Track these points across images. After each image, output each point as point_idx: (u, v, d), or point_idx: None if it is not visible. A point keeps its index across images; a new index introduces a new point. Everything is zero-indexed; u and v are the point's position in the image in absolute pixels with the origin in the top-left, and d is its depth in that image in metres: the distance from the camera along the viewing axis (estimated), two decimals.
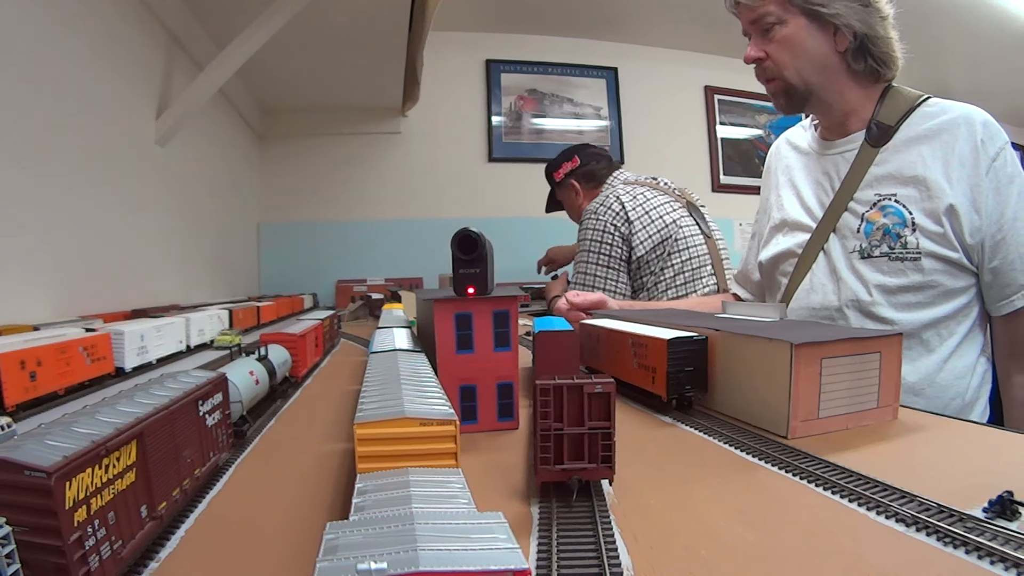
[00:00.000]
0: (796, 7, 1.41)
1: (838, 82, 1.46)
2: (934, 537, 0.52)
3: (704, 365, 0.96)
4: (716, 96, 5.35)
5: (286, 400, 1.10)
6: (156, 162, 2.47)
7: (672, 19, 4.73)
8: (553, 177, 2.94)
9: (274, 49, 2.57)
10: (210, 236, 3.24)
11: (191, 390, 0.56)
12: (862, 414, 0.88)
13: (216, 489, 0.64)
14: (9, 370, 0.91)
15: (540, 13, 4.56)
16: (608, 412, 0.56)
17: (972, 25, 4.79)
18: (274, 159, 4.32)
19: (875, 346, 0.89)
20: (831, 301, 1.45)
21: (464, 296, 0.85)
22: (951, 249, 1.33)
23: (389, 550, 0.32)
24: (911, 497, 0.59)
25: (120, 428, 0.42)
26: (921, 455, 0.78)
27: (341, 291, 4.18)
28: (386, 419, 0.53)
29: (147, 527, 0.46)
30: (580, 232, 2.43)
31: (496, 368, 0.85)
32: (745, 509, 0.59)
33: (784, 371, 0.81)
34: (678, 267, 2.26)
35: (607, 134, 5.00)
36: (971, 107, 1.39)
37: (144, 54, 2.42)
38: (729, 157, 5.38)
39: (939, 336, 1.37)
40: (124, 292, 2.12)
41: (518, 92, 4.81)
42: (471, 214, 4.38)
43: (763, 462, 0.72)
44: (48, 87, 1.74)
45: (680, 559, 0.49)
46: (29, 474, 0.35)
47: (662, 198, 2.41)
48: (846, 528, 0.55)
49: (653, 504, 0.60)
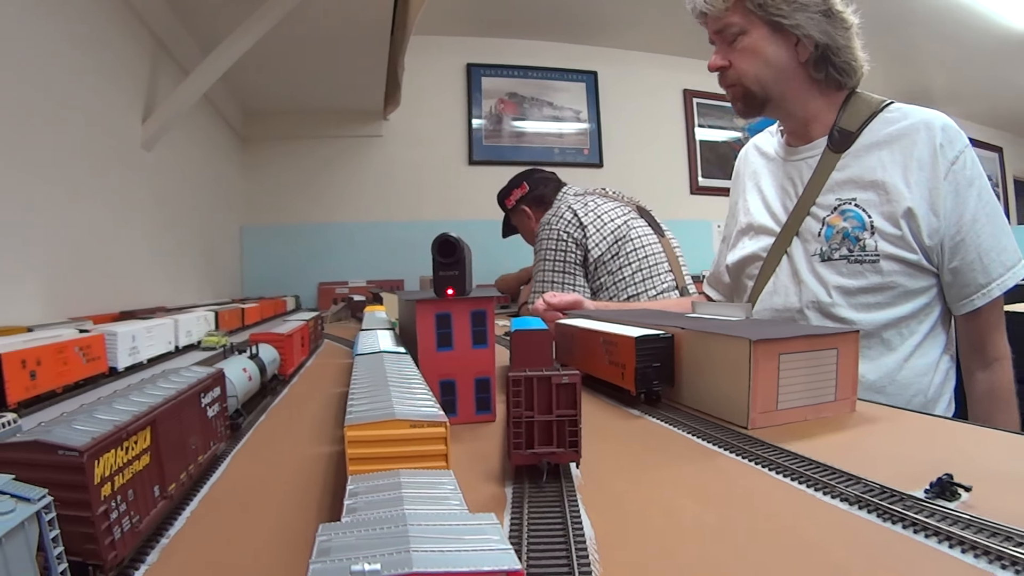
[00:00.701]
0: (759, 18, 1.46)
1: (799, 90, 1.51)
2: (875, 515, 0.57)
3: (670, 361, 1.02)
4: (695, 99, 5.44)
5: (275, 396, 1.15)
6: (142, 166, 2.51)
7: (651, 23, 4.78)
8: (505, 204, 3.04)
9: (257, 53, 2.60)
10: (194, 239, 3.27)
11: (194, 383, 0.61)
12: (820, 407, 0.93)
13: (216, 476, 0.70)
14: (11, 369, 0.95)
15: (521, 18, 4.61)
16: (574, 401, 0.62)
17: (951, 29, 4.90)
18: (256, 162, 4.36)
19: (832, 343, 0.95)
20: (793, 303, 1.50)
21: (444, 297, 0.91)
22: (909, 251, 1.37)
23: (382, 551, 0.31)
24: (857, 480, 0.64)
25: (137, 415, 0.47)
26: (873, 444, 0.83)
27: (323, 293, 4.22)
28: (376, 421, 0.53)
29: (159, 506, 0.51)
30: (536, 245, 2.54)
31: (474, 364, 0.91)
32: (701, 489, 0.65)
33: (744, 366, 0.87)
34: (635, 265, 2.35)
35: (587, 137, 5.06)
36: (931, 112, 1.44)
37: (131, 58, 2.45)
38: (707, 160, 5.46)
39: (900, 335, 1.42)
40: (111, 294, 2.16)
41: (498, 96, 4.87)
42: (451, 216, 4.44)
43: (722, 449, 0.78)
44: (37, 91, 1.78)
45: (637, 531, 0.55)
46: (62, 453, 0.40)
47: (612, 203, 2.52)
48: (793, 506, 0.60)
49: (617, 485, 0.66)
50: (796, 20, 1.43)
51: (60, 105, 1.91)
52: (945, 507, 0.56)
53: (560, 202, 2.59)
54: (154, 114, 2.53)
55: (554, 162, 4.87)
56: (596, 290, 2.41)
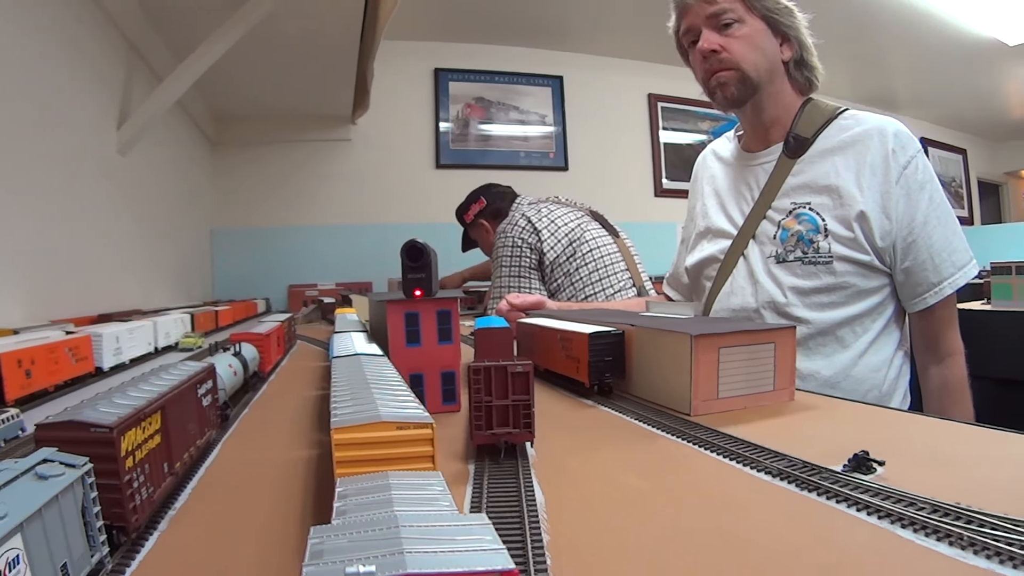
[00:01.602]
0: (757, 13, 1.51)
1: (781, 86, 1.58)
2: (794, 485, 0.64)
3: (621, 355, 1.10)
4: (659, 103, 5.54)
5: (256, 392, 1.22)
6: (117, 171, 2.56)
7: (617, 29, 4.88)
8: (464, 219, 3.14)
9: (229, 59, 2.67)
10: (167, 242, 3.31)
11: (191, 376, 0.69)
12: (759, 396, 1.01)
13: (210, 459, 0.77)
14: (9, 368, 1.01)
15: (488, 23, 4.69)
16: (527, 388, 0.71)
17: (915, 35, 5.04)
18: (227, 165, 4.39)
19: (770, 337, 1.03)
20: (749, 303, 1.55)
21: (412, 298, 0.99)
22: (862, 252, 1.43)
23: (375, 553, 0.32)
24: (782, 456, 0.72)
25: (150, 400, 0.55)
26: (804, 428, 0.91)
27: (293, 295, 4.27)
28: (363, 424, 0.53)
29: (167, 480, 0.59)
30: (494, 252, 2.64)
31: (440, 359, 0.99)
32: (641, 465, 0.74)
33: (686, 359, 0.96)
34: (590, 266, 2.46)
35: (552, 141, 5.14)
36: (885, 118, 1.50)
37: (106, 64, 2.51)
38: (672, 163, 5.57)
39: (854, 333, 1.47)
40: (88, 298, 2.21)
41: (465, 100, 4.95)
42: (419, 219, 4.53)
43: (665, 433, 0.86)
44: (13, 97, 1.83)
45: (581, 498, 0.64)
46: (94, 430, 0.47)
47: (565, 208, 2.65)
48: (720, 478, 0.69)
49: (567, 463, 0.74)
50: (791, 22, 1.52)
51: (38, 111, 1.96)
52: (860, 479, 0.63)
53: (515, 211, 2.69)
54: (129, 120, 2.58)
55: (520, 165, 4.97)
56: (554, 291, 2.50)
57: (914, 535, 0.51)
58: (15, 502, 0.35)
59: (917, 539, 0.51)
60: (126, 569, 0.48)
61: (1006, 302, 2.62)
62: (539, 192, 3.00)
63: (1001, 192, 9.10)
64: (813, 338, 1.48)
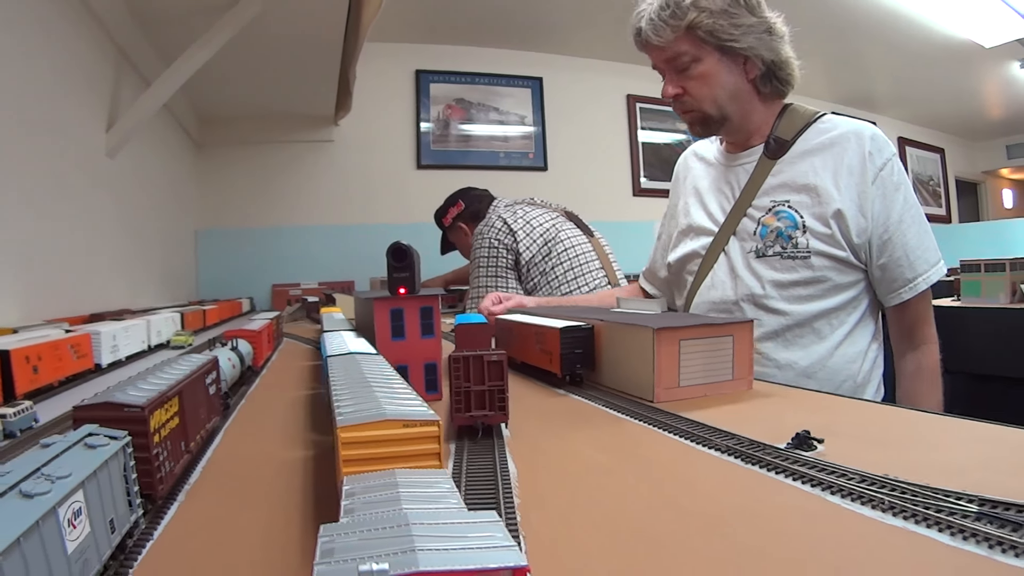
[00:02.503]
0: (710, 45, 1.54)
1: (749, 105, 1.63)
2: (740, 460, 0.72)
3: (591, 348, 1.19)
4: (638, 104, 5.64)
5: (250, 385, 1.30)
6: (106, 174, 2.63)
7: (596, 30, 4.94)
8: (442, 223, 3.23)
9: (214, 62, 2.74)
10: (153, 243, 3.37)
11: (200, 367, 0.77)
12: (719, 384, 1.10)
13: (216, 442, 0.85)
14: (18, 364, 1.08)
15: (469, 25, 4.76)
16: (501, 375, 0.80)
17: (892, 37, 5.15)
18: (211, 167, 4.44)
19: (728, 331, 1.12)
20: (729, 296, 1.62)
21: (397, 295, 1.08)
22: (839, 248, 1.50)
23: (386, 551, 0.32)
24: (731, 435, 0.80)
25: (170, 386, 0.63)
26: (757, 412, 0.99)
27: (277, 295, 4.32)
28: (368, 422, 0.53)
29: (184, 458, 0.67)
30: (472, 253, 2.73)
31: (423, 351, 1.08)
32: (604, 444, 0.82)
33: (649, 351, 1.04)
34: (565, 265, 2.54)
35: (532, 141, 5.22)
36: (861, 123, 1.57)
37: (94, 68, 2.57)
38: (650, 163, 5.67)
39: (830, 325, 1.54)
40: (79, 297, 2.27)
41: (446, 101, 5.01)
42: (400, 219, 4.61)
43: (628, 417, 0.95)
44: (5, 102, 1.88)
45: (549, 471, 0.72)
46: (127, 409, 0.55)
47: (540, 210, 2.74)
48: (674, 454, 0.77)
49: (538, 442, 0.83)
50: (747, 43, 1.54)
51: (28, 113, 2.01)
52: (801, 455, 0.70)
53: (492, 213, 2.77)
54: (117, 123, 2.64)
55: (499, 166, 5.04)
56: (530, 290, 2.59)
57: (841, 500, 0.59)
58: (75, 465, 0.43)
59: (844, 503, 0.59)
60: (154, 531, 0.56)
61: (975, 298, 2.74)
62: (518, 192, 3.09)
63: (979, 191, 9.26)
64: (791, 329, 1.55)
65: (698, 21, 1.52)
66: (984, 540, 0.49)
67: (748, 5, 1.54)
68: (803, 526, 0.56)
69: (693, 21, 1.52)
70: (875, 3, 4.53)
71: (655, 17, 1.57)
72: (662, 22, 1.56)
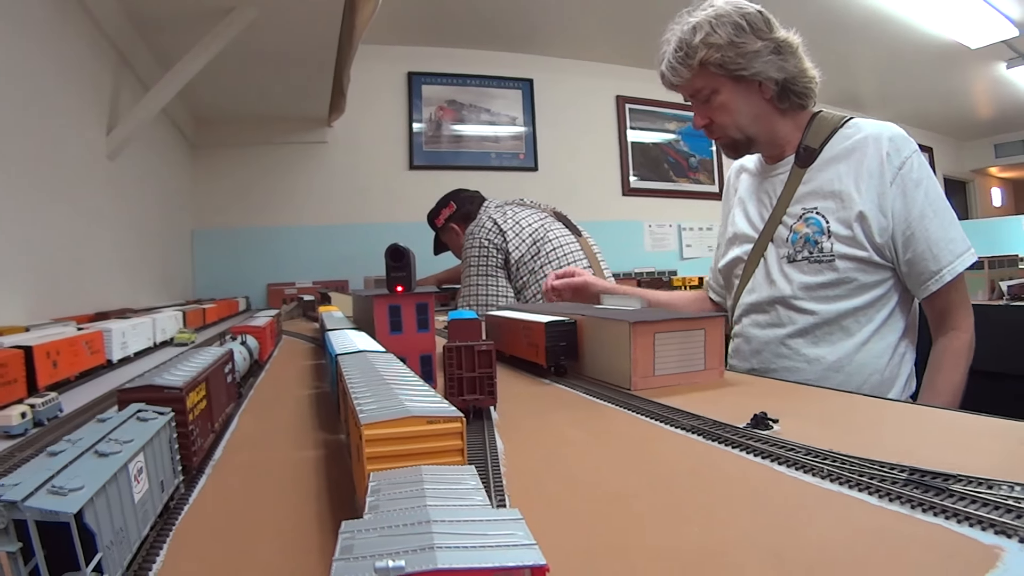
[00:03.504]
0: (723, 76, 1.68)
1: (771, 123, 1.75)
2: (702, 437, 0.81)
3: (574, 341, 1.29)
4: (627, 104, 5.69)
5: (257, 377, 1.39)
6: (107, 175, 2.70)
7: (585, 32, 5.02)
8: (435, 223, 3.31)
9: (210, 66, 2.80)
10: (151, 243, 3.44)
11: (220, 357, 0.86)
12: (692, 374, 1.19)
13: (233, 425, 0.94)
14: (40, 359, 1.16)
15: (460, 27, 4.81)
16: (490, 363, 0.89)
17: (878, 38, 5.22)
18: (206, 168, 4.49)
19: (700, 324, 1.21)
20: (764, 298, 1.74)
21: (394, 293, 1.16)
22: (861, 249, 1.58)
23: (406, 548, 0.32)
24: (697, 416, 0.89)
25: (199, 372, 0.72)
26: (724, 398, 1.08)
27: (272, 294, 4.36)
28: (393, 419, 0.53)
29: (210, 436, 0.76)
30: (463, 253, 2.82)
31: (419, 344, 1.16)
32: (583, 425, 0.92)
33: (626, 342, 1.14)
34: (554, 264, 2.64)
35: (522, 142, 5.28)
36: (883, 125, 1.66)
37: (95, 73, 2.64)
38: (639, 163, 5.73)
39: (858, 323, 1.62)
40: (82, 297, 2.34)
41: (438, 103, 5.07)
42: (393, 219, 4.68)
43: (606, 403, 1.04)
44: (12, 106, 1.95)
45: (533, 446, 0.81)
46: (167, 391, 0.64)
47: (529, 210, 2.84)
48: (642, 433, 0.87)
49: (524, 423, 0.92)
50: (755, 68, 1.65)
51: (34, 118, 2.08)
52: (757, 433, 0.80)
53: (482, 214, 2.87)
54: (118, 127, 2.71)
55: (491, 166, 5.11)
56: (520, 288, 2.69)
57: (786, 469, 0.68)
58: (134, 433, 0.51)
59: (788, 471, 0.67)
60: (189, 496, 0.65)
61: None
62: (510, 192, 3.18)
63: (968, 189, 9.40)
64: (820, 327, 1.65)
65: (708, 57, 1.65)
66: (908, 502, 0.57)
67: (754, 30, 1.65)
68: (749, 490, 0.65)
69: (704, 58, 1.65)
70: (861, 4, 4.60)
71: (671, 60, 1.72)
72: (678, 63, 1.71)
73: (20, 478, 0.38)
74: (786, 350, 1.69)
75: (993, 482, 0.59)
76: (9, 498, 0.35)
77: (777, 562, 0.48)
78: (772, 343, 1.72)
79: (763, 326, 1.75)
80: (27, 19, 2.07)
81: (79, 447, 0.45)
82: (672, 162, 5.92)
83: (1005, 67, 6.11)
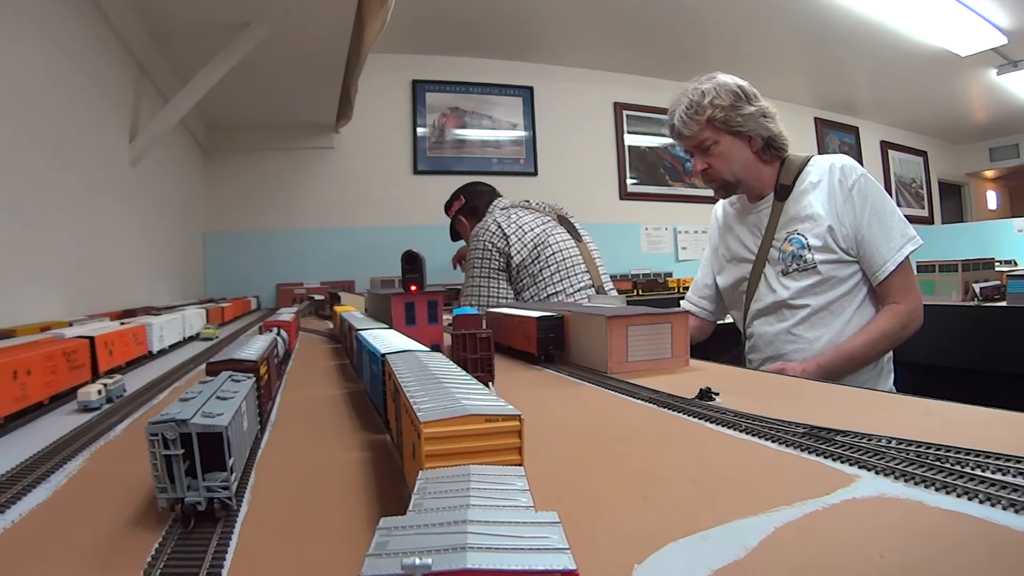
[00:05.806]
0: (724, 130, 2.13)
1: (756, 171, 2.19)
2: (656, 405, 1.01)
3: (562, 333, 1.49)
4: (624, 111, 5.86)
5: (287, 363, 1.59)
6: (130, 182, 2.88)
7: (585, 41, 5.20)
8: (448, 214, 3.49)
9: (225, 76, 2.97)
10: (167, 245, 3.63)
11: (271, 342, 1.06)
12: (660, 361, 1.38)
13: (278, 398, 1.14)
14: (100, 348, 1.34)
15: (463, 37, 4.99)
16: (489, 347, 1.09)
17: (871, 46, 5.37)
18: (218, 173, 4.67)
19: (667, 319, 1.40)
20: (769, 303, 2.17)
21: (409, 292, 1.37)
22: (833, 253, 2.03)
23: (439, 546, 0.33)
24: (656, 392, 1.08)
25: (263, 350, 0.92)
26: (683, 379, 1.25)
27: (282, 294, 4.56)
28: (451, 417, 0.53)
29: (268, 402, 0.96)
30: (468, 253, 3.01)
31: (430, 334, 1.37)
32: (566, 399, 1.12)
33: (603, 333, 1.34)
34: (553, 268, 2.81)
35: (523, 147, 5.46)
36: (835, 158, 2.14)
37: (118, 85, 2.81)
38: (636, 167, 5.91)
39: (841, 306, 2.07)
40: (109, 296, 2.52)
41: (442, 110, 5.26)
42: (397, 222, 4.87)
43: (585, 382, 1.24)
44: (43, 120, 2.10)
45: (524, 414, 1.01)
46: (246, 363, 0.83)
47: (533, 214, 2.99)
48: (613, 404, 1.06)
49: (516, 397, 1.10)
50: (749, 126, 2.12)
51: (63, 130, 2.24)
52: (702, 403, 1.00)
53: (489, 216, 3.04)
54: (139, 135, 2.90)
55: (492, 171, 5.26)
56: (520, 291, 2.87)
57: (724, 428, 0.87)
58: (234, 389, 0.71)
59: (726, 431, 0.86)
60: (262, 440, 0.85)
61: (929, 296, 3.10)
62: (510, 195, 3.34)
63: (963, 192, 9.54)
64: (815, 314, 2.07)
65: (714, 115, 2.11)
66: (799, 447, 0.76)
67: (748, 97, 2.12)
68: (685, 439, 0.85)
69: (711, 115, 2.11)
70: (853, 13, 4.72)
71: (684, 115, 2.16)
72: (689, 118, 2.15)
73: (177, 409, 0.57)
74: (792, 337, 2.11)
75: (873, 436, 0.77)
76: (180, 417, 0.54)
77: (691, 480, 0.68)
78: (781, 334, 2.13)
79: (772, 323, 2.16)
80: (62, 38, 2.25)
81: (205, 395, 0.65)
82: (668, 166, 6.12)
83: (996, 73, 6.26)
